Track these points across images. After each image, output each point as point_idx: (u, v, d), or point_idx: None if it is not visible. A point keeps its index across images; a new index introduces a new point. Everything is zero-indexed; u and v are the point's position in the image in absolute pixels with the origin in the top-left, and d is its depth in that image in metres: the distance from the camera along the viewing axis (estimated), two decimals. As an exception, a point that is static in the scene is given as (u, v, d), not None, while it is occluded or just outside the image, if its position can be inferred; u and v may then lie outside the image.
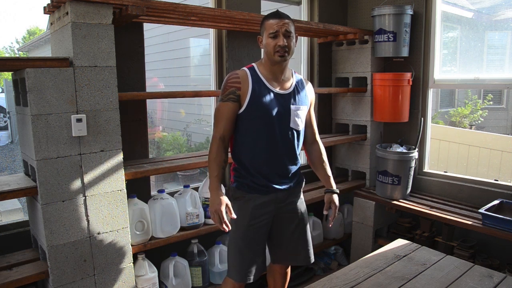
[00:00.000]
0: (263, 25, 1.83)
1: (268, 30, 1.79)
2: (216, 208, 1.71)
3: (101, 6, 1.79)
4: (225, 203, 1.72)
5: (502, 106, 7.84)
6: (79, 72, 1.77)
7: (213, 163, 1.78)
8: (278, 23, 1.77)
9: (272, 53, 1.79)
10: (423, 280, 1.74)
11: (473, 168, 4.74)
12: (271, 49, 1.78)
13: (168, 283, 2.26)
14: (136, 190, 2.23)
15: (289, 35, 1.79)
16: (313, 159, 2.06)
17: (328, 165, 2.06)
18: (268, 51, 1.80)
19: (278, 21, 1.77)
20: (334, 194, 2.01)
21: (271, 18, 1.80)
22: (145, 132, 2.41)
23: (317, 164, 2.05)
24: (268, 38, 1.79)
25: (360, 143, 3.26)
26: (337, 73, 3.37)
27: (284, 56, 1.79)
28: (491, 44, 4.50)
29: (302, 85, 1.95)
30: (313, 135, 2.04)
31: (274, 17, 1.79)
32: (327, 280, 1.76)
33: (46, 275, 1.81)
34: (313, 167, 2.08)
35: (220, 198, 1.72)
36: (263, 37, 1.83)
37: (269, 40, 1.79)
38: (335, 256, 3.23)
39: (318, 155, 2.04)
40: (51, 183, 1.74)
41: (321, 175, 2.07)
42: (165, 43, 6.50)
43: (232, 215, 1.74)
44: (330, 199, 2.00)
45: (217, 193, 1.73)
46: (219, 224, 1.73)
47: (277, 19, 1.78)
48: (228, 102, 1.79)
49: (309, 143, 2.05)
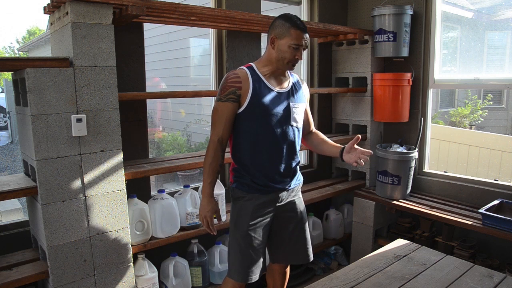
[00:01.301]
0: (287, 30, 1.75)
1: (292, 40, 1.75)
2: (206, 214, 1.82)
3: (101, 6, 1.79)
4: (214, 210, 1.84)
5: (502, 106, 7.83)
6: (79, 72, 1.77)
7: (208, 168, 1.82)
8: (304, 37, 1.78)
9: (285, 62, 1.80)
10: (423, 280, 1.74)
11: (473, 168, 4.74)
12: (287, 58, 1.78)
13: (168, 283, 2.26)
14: (136, 190, 2.23)
15: (305, 49, 1.84)
16: (314, 141, 2.08)
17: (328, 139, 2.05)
18: (283, 57, 1.79)
19: (303, 34, 1.77)
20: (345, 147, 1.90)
21: (298, 28, 1.76)
22: (145, 132, 2.41)
23: (319, 142, 2.05)
24: (289, 47, 1.76)
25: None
26: (337, 73, 3.37)
27: (294, 67, 1.85)
28: (491, 44, 4.49)
29: (299, 83, 1.98)
30: (309, 127, 2.11)
31: (301, 29, 1.76)
32: (327, 280, 1.76)
33: (46, 275, 1.81)
34: (317, 147, 2.06)
35: (210, 205, 1.82)
36: (282, 42, 1.77)
37: (290, 49, 1.77)
38: (335, 256, 3.23)
39: (317, 137, 2.08)
40: (51, 183, 1.74)
41: (326, 146, 2.01)
42: (165, 43, 6.49)
43: (220, 221, 1.92)
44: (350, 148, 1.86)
45: (208, 199, 1.83)
46: (206, 228, 1.86)
47: (303, 32, 1.77)
48: (227, 102, 1.78)
49: (307, 134, 2.11)
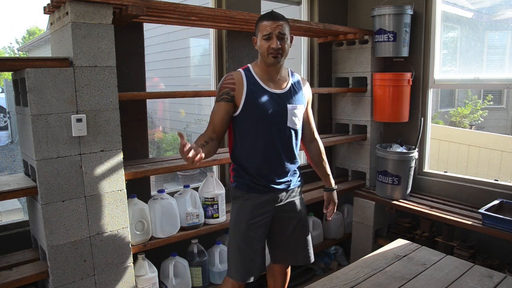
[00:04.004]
0: (257, 26, 1.82)
1: (262, 32, 1.77)
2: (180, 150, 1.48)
3: (101, 6, 1.79)
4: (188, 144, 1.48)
5: (502, 106, 7.83)
6: (79, 72, 1.77)
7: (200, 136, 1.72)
8: (272, 25, 1.75)
9: (265, 55, 1.79)
10: (423, 280, 1.74)
11: (473, 168, 4.74)
12: (264, 51, 1.78)
13: (168, 283, 2.26)
14: (136, 190, 2.23)
15: (283, 37, 1.77)
16: (313, 157, 2.08)
17: (327, 163, 2.10)
18: (262, 52, 1.80)
19: (272, 23, 1.76)
20: (333, 191, 2.11)
21: (265, 19, 1.78)
22: (145, 132, 2.41)
23: (316, 162, 2.09)
24: (262, 40, 1.78)
25: (360, 143, 3.26)
26: (337, 73, 3.37)
27: (277, 58, 1.78)
28: (491, 44, 4.49)
29: (299, 84, 1.95)
30: (311, 133, 2.06)
31: (268, 18, 1.77)
32: (327, 280, 1.76)
33: (46, 275, 1.81)
34: (313, 165, 2.12)
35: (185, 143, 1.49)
36: (257, 38, 1.82)
37: (263, 42, 1.78)
38: (335, 256, 3.23)
39: (317, 153, 2.07)
40: (51, 183, 1.74)
41: (320, 173, 2.12)
42: (165, 43, 6.49)
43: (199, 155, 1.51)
44: (329, 197, 2.11)
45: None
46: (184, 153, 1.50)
47: (271, 21, 1.76)
48: (221, 102, 1.79)
49: (308, 141, 2.06)
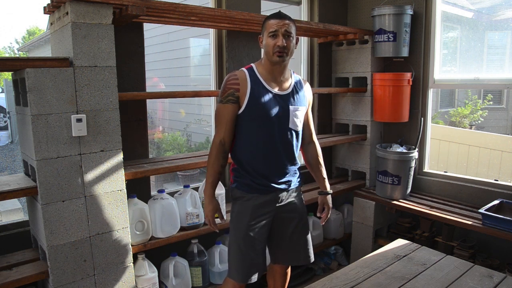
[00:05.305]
0: (264, 25, 1.84)
1: (268, 30, 1.79)
2: (207, 214, 1.87)
3: (101, 6, 1.79)
4: (216, 209, 1.87)
5: (502, 106, 7.83)
6: (79, 72, 1.77)
7: (210, 168, 1.83)
8: (278, 23, 1.77)
9: (271, 53, 1.79)
10: (423, 280, 1.74)
11: (473, 168, 4.74)
12: (270, 49, 1.79)
13: (168, 283, 2.26)
14: (136, 190, 2.23)
15: (289, 36, 1.79)
16: (309, 159, 2.08)
17: (323, 167, 2.09)
18: (267, 51, 1.80)
19: (278, 21, 1.78)
20: (328, 195, 2.08)
21: (272, 18, 1.81)
22: (145, 132, 2.41)
23: (313, 165, 2.08)
24: (268, 38, 1.79)
25: (360, 143, 3.26)
26: (337, 73, 3.37)
27: (282, 57, 1.79)
28: (491, 44, 4.49)
29: (301, 85, 1.96)
30: (310, 135, 2.06)
31: (275, 17, 1.80)
32: (327, 280, 1.76)
33: (46, 275, 1.81)
34: (309, 167, 2.11)
35: (211, 204, 1.86)
36: (263, 36, 1.83)
37: (269, 39, 1.79)
38: (335, 256, 3.23)
39: (315, 156, 2.07)
40: (51, 183, 1.74)
41: (316, 176, 2.11)
42: (165, 43, 6.50)
43: (222, 220, 1.96)
44: (323, 201, 2.08)
45: (209, 199, 1.86)
46: (210, 227, 1.92)
47: (277, 19, 1.79)
48: (227, 104, 1.80)
49: (306, 143, 2.07)
